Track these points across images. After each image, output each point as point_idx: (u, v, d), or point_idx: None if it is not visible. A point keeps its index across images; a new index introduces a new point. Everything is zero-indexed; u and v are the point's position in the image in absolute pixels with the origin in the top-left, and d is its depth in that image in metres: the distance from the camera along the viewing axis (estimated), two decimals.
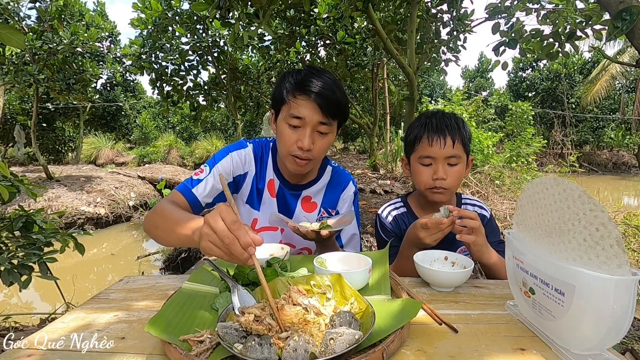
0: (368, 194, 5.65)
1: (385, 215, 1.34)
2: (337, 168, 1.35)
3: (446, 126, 1.17)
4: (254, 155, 1.24)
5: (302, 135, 1.08)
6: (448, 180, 1.17)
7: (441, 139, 1.16)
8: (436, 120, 1.18)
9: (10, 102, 11.54)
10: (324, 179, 1.30)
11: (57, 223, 1.74)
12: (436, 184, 1.17)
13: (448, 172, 1.17)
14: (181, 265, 4.41)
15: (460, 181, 1.23)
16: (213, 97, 7.09)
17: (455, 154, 1.17)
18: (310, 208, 1.29)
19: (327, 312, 0.70)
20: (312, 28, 5.61)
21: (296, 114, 1.07)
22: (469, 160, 1.25)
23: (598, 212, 0.59)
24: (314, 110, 1.06)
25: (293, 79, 1.09)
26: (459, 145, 1.17)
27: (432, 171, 1.18)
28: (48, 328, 0.76)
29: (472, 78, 23.87)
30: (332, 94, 1.07)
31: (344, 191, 1.31)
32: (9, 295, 4.13)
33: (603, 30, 2.30)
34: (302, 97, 1.06)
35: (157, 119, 19.54)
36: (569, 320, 0.63)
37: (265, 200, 1.26)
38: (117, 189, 7.96)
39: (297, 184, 1.26)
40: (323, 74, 1.11)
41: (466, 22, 3.72)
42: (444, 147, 1.15)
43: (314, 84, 1.06)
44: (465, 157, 1.21)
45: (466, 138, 1.20)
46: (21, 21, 5.73)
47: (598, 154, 16.40)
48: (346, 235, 1.31)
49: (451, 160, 1.18)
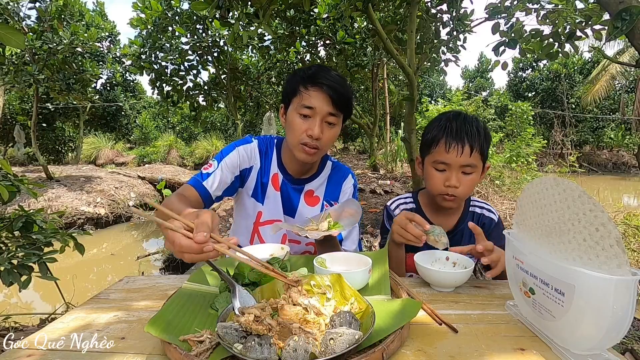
0: (368, 194, 5.65)
1: (394, 207, 1.34)
2: (337, 163, 1.41)
3: (466, 133, 1.11)
4: (259, 150, 1.30)
5: (313, 124, 1.14)
6: (460, 188, 1.13)
7: (459, 147, 1.10)
8: (456, 125, 1.13)
9: (10, 102, 11.55)
10: (324, 173, 1.35)
11: (57, 223, 1.74)
12: (448, 191, 1.14)
13: (461, 181, 1.13)
14: (181, 265, 4.41)
15: (473, 189, 1.20)
16: (213, 97, 7.09)
17: (471, 163, 1.12)
18: (313, 202, 1.33)
19: (327, 312, 0.70)
20: (312, 28, 5.61)
21: (308, 104, 1.13)
22: (485, 167, 1.20)
23: (598, 212, 0.59)
24: (325, 100, 1.13)
25: (305, 73, 1.17)
26: (476, 155, 1.12)
27: (445, 177, 1.14)
28: (48, 328, 0.76)
29: (472, 78, 23.87)
30: (342, 87, 1.15)
31: (344, 183, 1.37)
32: (9, 295, 4.13)
33: (603, 30, 2.30)
34: (314, 89, 1.14)
35: (157, 119, 19.54)
36: (569, 320, 0.63)
37: (269, 194, 1.30)
38: (117, 189, 7.96)
39: (300, 178, 1.31)
40: (332, 70, 1.19)
41: (466, 22, 3.72)
42: (461, 156, 1.10)
43: (325, 77, 1.14)
44: (481, 166, 1.16)
45: (485, 146, 1.15)
46: (21, 21, 5.72)
47: (598, 154, 16.40)
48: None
49: (466, 169, 1.13)
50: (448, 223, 1.27)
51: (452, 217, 1.27)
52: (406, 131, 3.66)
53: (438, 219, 1.27)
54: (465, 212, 1.28)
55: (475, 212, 1.29)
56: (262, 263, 0.73)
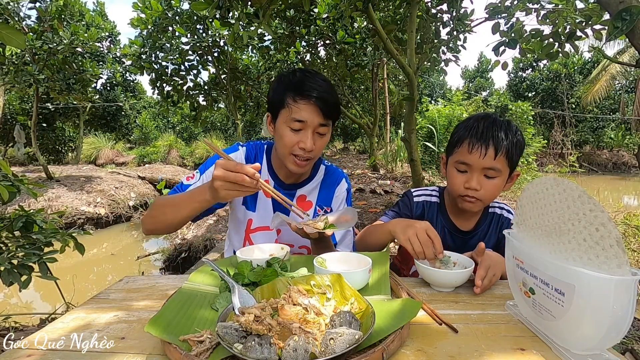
0: (368, 194, 5.65)
1: (416, 195, 1.32)
2: (330, 166, 1.38)
3: (492, 136, 1.06)
4: (246, 157, 1.28)
5: (304, 137, 1.11)
6: (481, 191, 1.09)
7: (482, 148, 1.06)
8: (483, 126, 1.08)
9: (10, 102, 11.55)
10: (317, 177, 1.33)
11: (57, 223, 1.74)
12: (468, 192, 1.10)
13: (483, 184, 1.09)
14: (181, 265, 4.41)
15: (496, 195, 1.13)
16: (213, 97, 7.09)
17: (494, 167, 1.06)
18: (306, 207, 1.30)
19: (327, 312, 0.70)
20: (312, 28, 5.61)
21: (298, 118, 1.09)
22: (514, 175, 1.14)
23: (598, 212, 0.59)
24: (315, 113, 1.10)
25: (290, 83, 1.11)
26: (501, 159, 1.06)
27: (465, 179, 1.10)
28: (48, 328, 0.77)
29: (472, 78, 23.87)
30: (330, 96, 1.11)
31: (337, 188, 1.34)
32: (9, 295, 4.13)
33: (603, 30, 2.30)
34: (303, 102, 1.09)
35: (157, 119, 19.54)
36: (569, 320, 0.63)
37: (260, 201, 1.28)
38: (117, 189, 7.96)
39: (292, 184, 1.29)
40: (317, 75, 1.14)
41: (466, 22, 3.72)
42: (484, 158, 1.06)
43: (312, 88, 1.09)
44: (507, 172, 1.10)
45: (514, 151, 1.08)
46: (21, 21, 5.72)
47: (598, 154, 16.39)
48: (339, 233, 1.31)
49: (489, 173, 1.08)
50: (468, 224, 1.25)
51: (473, 218, 1.25)
52: (406, 131, 3.66)
53: (458, 219, 1.25)
54: (485, 213, 1.26)
55: (495, 213, 1.26)
56: (285, 200, 1.00)
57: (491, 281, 0.93)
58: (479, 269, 0.93)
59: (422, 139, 8.33)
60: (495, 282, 0.95)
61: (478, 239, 1.23)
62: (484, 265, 0.93)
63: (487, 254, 0.97)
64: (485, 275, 0.92)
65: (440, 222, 1.28)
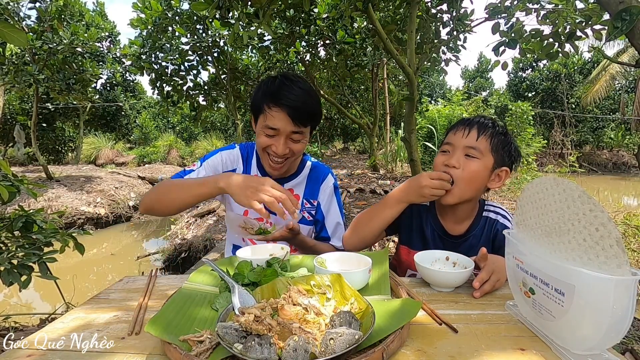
0: (368, 194, 5.65)
1: None
2: (316, 163, 1.45)
3: (477, 121, 1.11)
4: (241, 154, 1.38)
5: (277, 142, 1.18)
6: (459, 171, 1.07)
7: (466, 130, 1.10)
8: (472, 118, 1.14)
9: (10, 102, 11.55)
10: (304, 173, 1.40)
11: (57, 223, 1.74)
12: (446, 170, 1.09)
13: (462, 163, 1.08)
14: (181, 266, 4.41)
15: (474, 186, 1.10)
16: (213, 97, 7.09)
17: (476, 146, 1.07)
18: None
19: (327, 312, 0.70)
20: (312, 28, 5.60)
21: (271, 125, 1.16)
22: (502, 171, 1.12)
23: (598, 212, 0.59)
24: (286, 121, 1.15)
25: (267, 90, 1.17)
26: (484, 141, 1.08)
27: (446, 158, 1.11)
28: (48, 328, 0.77)
29: (472, 78, 23.89)
30: (304, 104, 1.15)
31: (323, 182, 1.41)
32: (9, 295, 4.13)
33: (603, 30, 2.30)
34: (276, 109, 1.14)
35: (157, 119, 19.54)
36: (569, 320, 0.63)
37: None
38: (117, 189, 7.96)
39: (279, 178, 1.35)
40: (296, 83, 1.18)
41: (466, 22, 3.72)
42: (466, 137, 1.09)
43: (286, 97, 1.14)
44: (490, 160, 1.09)
45: (498, 142, 1.09)
46: (21, 21, 5.73)
47: (598, 154, 16.40)
48: (331, 226, 1.39)
49: (470, 152, 1.08)
50: (459, 228, 1.19)
51: (464, 222, 1.19)
52: (406, 131, 3.66)
53: (449, 222, 1.20)
54: (478, 217, 1.19)
55: (489, 218, 1.19)
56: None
57: (494, 286, 0.90)
58: (481, 272, 0.91)
59: (422, 139, 8.34)
60: (500, 287, 0.92)
61: (469, 245, 1.17)
62: (487, 269, 0.91)
63: (491, 257, 0.94)
64: (487, 278, 0.89)
65: (429, 225, 1.23)
